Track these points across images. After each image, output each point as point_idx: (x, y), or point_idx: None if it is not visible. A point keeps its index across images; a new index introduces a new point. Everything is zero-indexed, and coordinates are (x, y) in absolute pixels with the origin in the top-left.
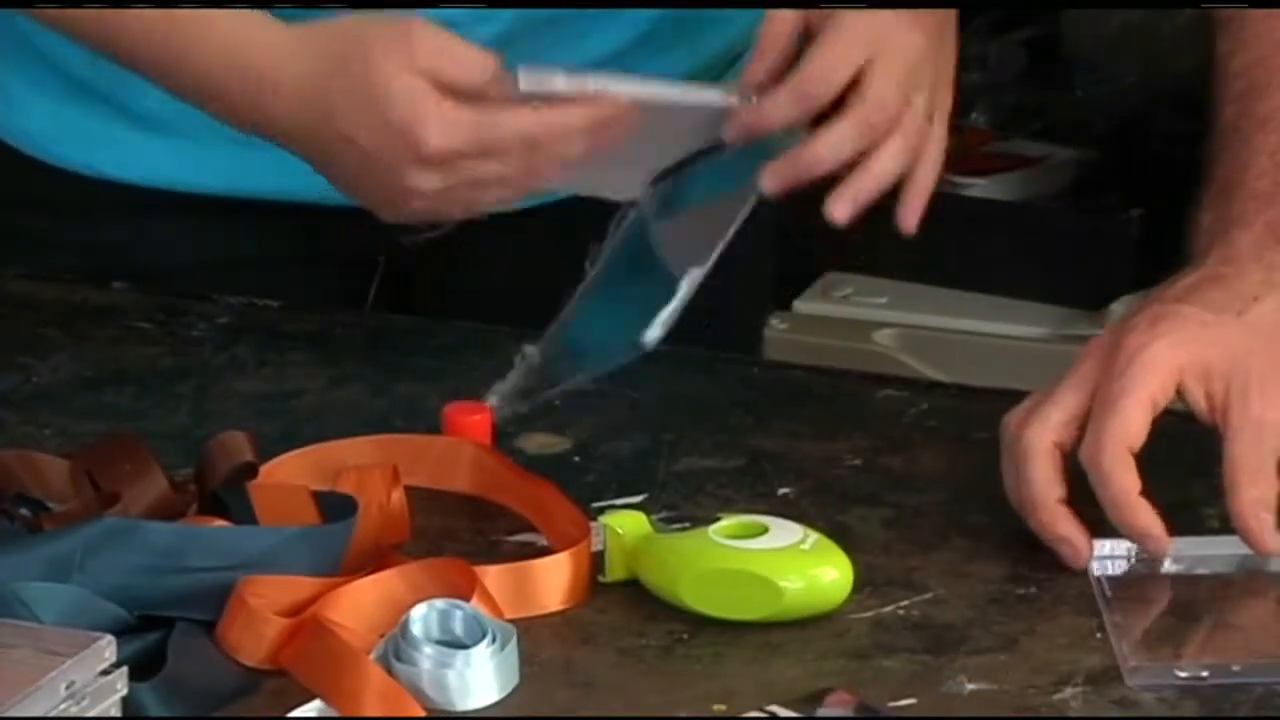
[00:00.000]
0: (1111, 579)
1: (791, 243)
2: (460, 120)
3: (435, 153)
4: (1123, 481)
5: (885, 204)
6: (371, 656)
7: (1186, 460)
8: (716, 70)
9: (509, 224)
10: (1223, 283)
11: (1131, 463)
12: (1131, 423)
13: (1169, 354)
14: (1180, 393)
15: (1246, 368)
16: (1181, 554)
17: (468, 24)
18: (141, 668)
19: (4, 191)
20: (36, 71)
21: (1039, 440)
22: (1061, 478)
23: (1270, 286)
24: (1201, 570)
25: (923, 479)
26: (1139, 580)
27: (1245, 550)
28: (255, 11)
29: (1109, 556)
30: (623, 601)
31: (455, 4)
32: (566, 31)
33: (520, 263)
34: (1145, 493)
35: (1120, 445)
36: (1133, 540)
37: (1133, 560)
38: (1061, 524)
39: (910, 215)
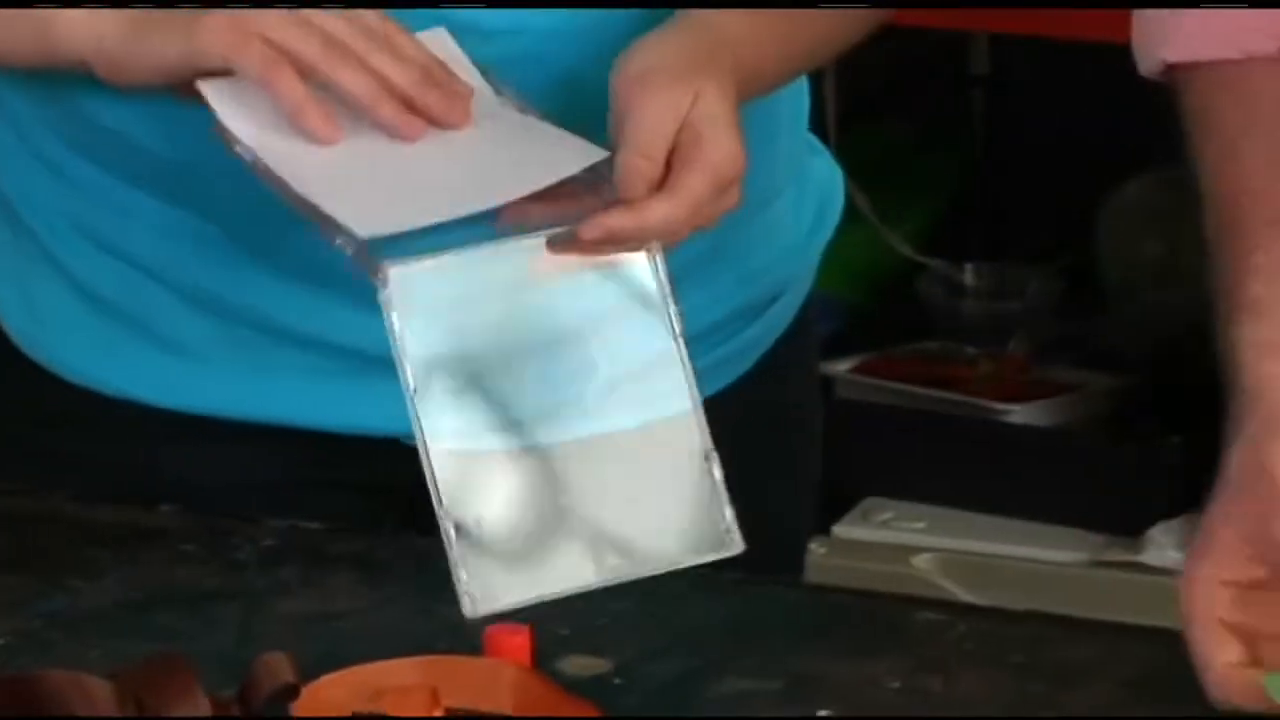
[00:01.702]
0: None
1: (831, 468)
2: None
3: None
4: (1245, 690)
5: (923, 430)
6: None
7: None
8: None
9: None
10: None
11: (1240, 672)
12: (1200, 653)
13: (1191, 575)
14: (1249, 580)
15: (1250, 526)
16: None
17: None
18: None
19: (39, 412)
20: (62, 290)
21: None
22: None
23: (1233, 439)
24: None
25: (961, 701)
26: None
27: None
28: None
29: None
30: None
31: (455, 4)
32: None
33: None
34: None
35: (1206, 671)
36: None
37: None
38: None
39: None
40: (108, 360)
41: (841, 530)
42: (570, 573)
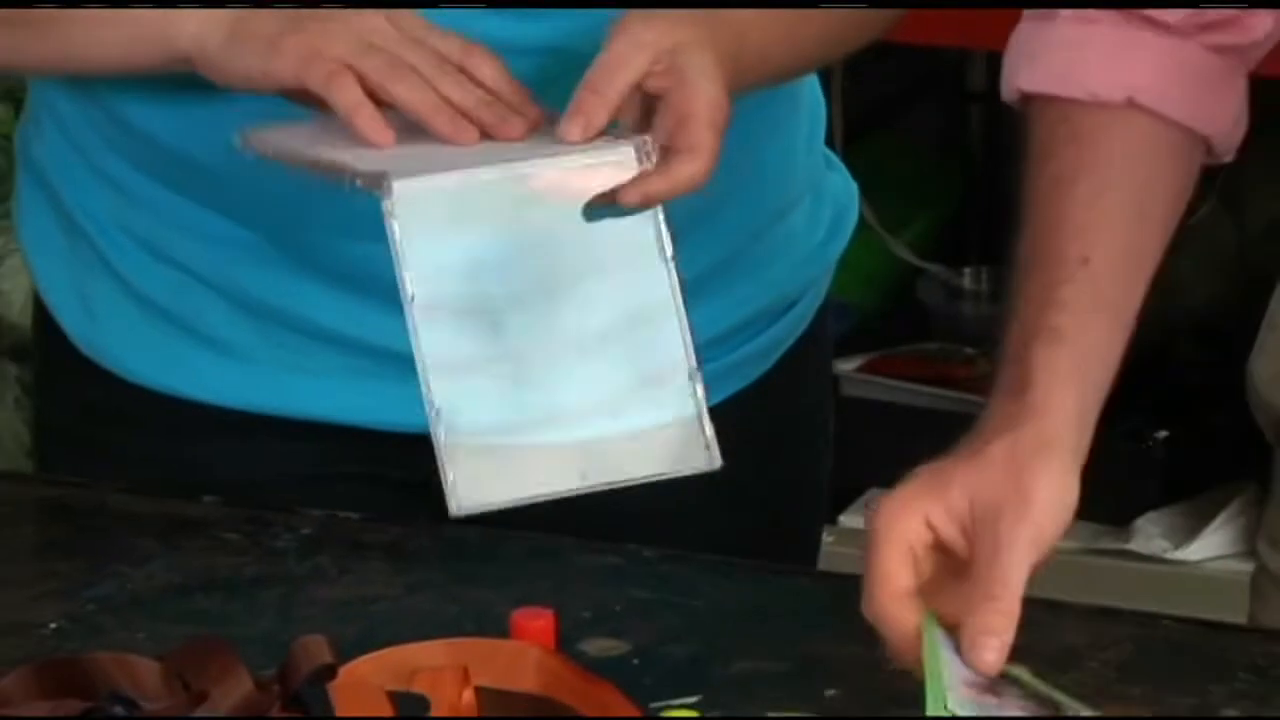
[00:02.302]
0: None
1: (838, 462)
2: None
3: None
4: (900, 621)
5: (924, 426)
6: None
7: (1207, 661)
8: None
9: None
10: (962, 445)
11: (906, 599)
12: (887, 568)
13: (905, 502)
14: (941, 536)
15: (983, 500)
16: None
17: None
18: None
19: (92, 407)
20: (115, 292)
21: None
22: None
23: (1002, 431)
24: None
25: None
26: None
27: None
28: None
29: None
30: None
31: (455, 4)
32: None
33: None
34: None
35: (887, 588)
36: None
37: None
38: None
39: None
40: (157, 359)
41: (848, 520)
42: (554, 478)
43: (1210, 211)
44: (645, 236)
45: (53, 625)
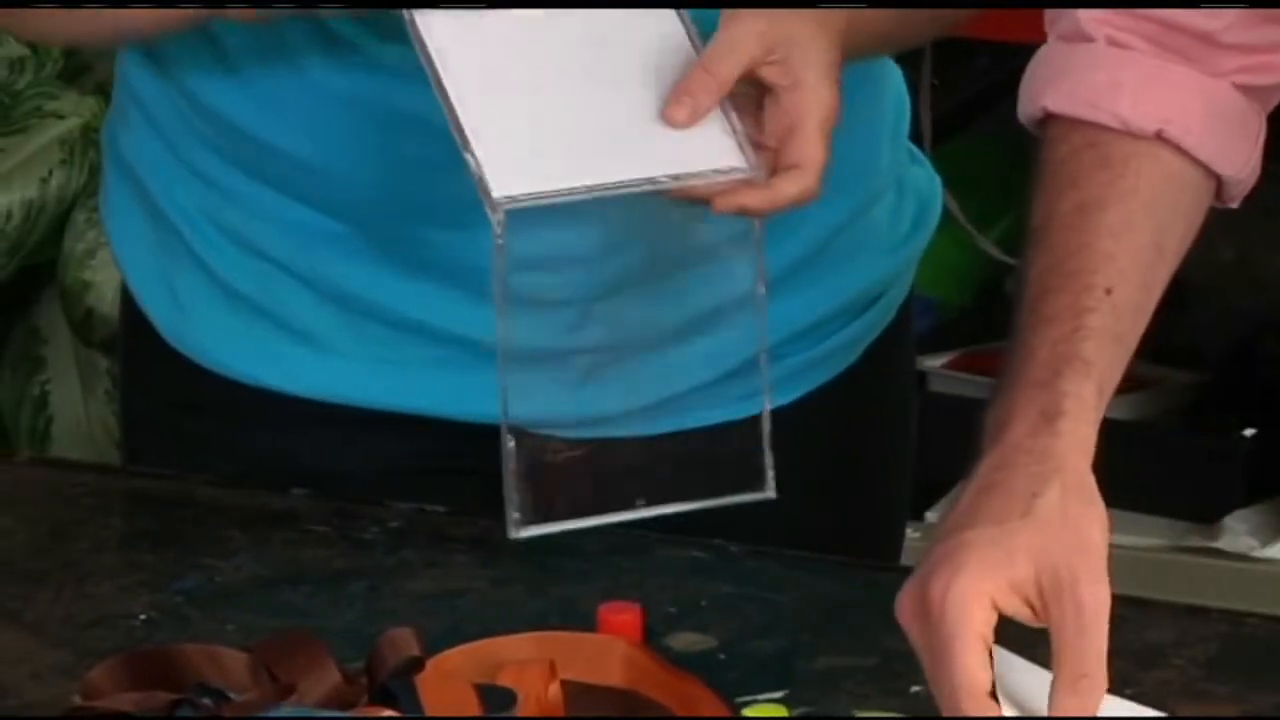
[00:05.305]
0: None
1: (925, 458)
2: None
3: None
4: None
5: None
6: None
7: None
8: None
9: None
10: (999, 489)
11: (989, 700)
12: (970, 668)
13: (974, 588)
14: (1005, 611)
15: (1052, 565)
16: None
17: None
18: None
19: (180, 399)
20: (203, 284)
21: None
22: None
23: (1046, 477)
24: None
25: None
26: None
27: None
28: None
29: None
30: None
31: (454, 5)
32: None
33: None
34: None
35: (972, 693)
36: None
37: None
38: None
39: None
40: (246, 351)
41: (935, 516)
42: (612, 503)
43: None
44: (739, 229)
45: (141, 617)
